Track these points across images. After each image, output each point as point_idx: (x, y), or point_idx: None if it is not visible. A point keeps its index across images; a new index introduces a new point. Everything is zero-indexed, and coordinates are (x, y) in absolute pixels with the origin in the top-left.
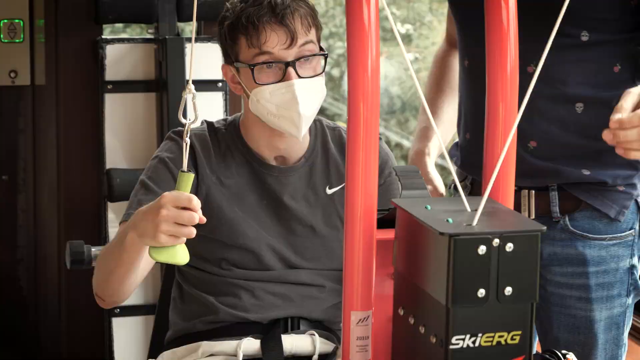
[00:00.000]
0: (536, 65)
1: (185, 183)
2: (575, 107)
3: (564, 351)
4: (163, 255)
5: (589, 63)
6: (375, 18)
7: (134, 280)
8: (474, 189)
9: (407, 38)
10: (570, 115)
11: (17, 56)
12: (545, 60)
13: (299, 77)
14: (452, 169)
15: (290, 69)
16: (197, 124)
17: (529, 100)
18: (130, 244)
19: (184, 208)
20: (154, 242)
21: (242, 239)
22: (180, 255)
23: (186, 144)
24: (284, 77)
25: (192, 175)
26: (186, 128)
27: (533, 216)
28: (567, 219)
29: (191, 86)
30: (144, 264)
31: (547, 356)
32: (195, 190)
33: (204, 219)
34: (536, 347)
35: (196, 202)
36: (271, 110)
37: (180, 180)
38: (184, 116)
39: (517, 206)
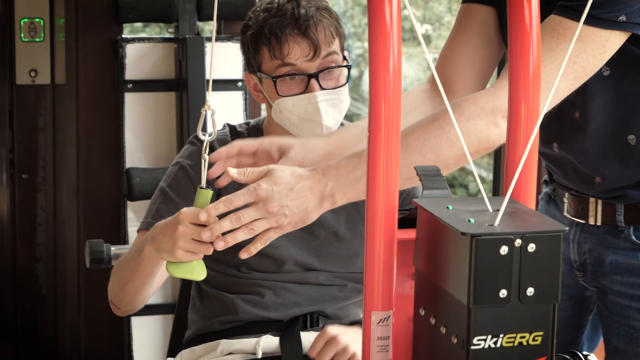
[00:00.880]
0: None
1: (203, 199)
2: (628, 140)
3: (585, 352)
4: (180, 271)
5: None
6: (397, 16)
7: (150, 291)
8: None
9: (426, 39)
10: (625, 148)
11: (37, 55)
12: None
13: (322, 88)
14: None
15: (313, 81)
16: (219, 127)
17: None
18: (147, 257)
19: (202, 225)
20: (171, 258)
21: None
22: (197, 271)
23: (205, 160)
24: (306, 89)
25: (210, 192)
26: (204, 144)
27: (599, 223)
28: (631, 229)
29: (210, 102)
30: (160, 275)
31: (569, 357)
32: (217, 197)
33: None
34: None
35: (214, 220)
36: (293, 121)
37: (199, 196)
38: (203, 131)
39: (585, 212)
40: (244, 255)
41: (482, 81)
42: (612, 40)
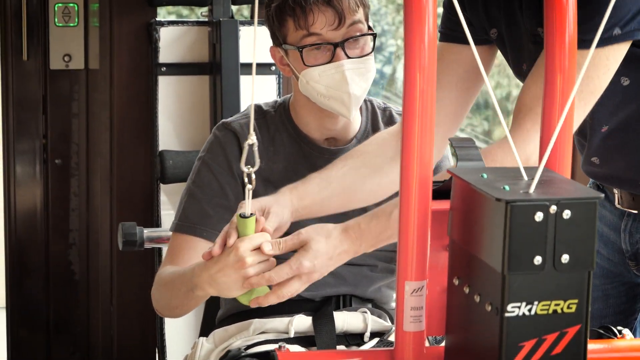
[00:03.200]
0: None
1: (249, 227)
2: None
3: (619, 327)
4: (254, 295)
5: None
6: None
7: None
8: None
9: None
10: None
11: (71, 40)
12: None
13: (348, 57)
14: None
15: (339, 50)
16: (243, 108)
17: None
18: (202, 297)
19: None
20: (242, 291)
21: (291, 227)
22: (264, 290)
23: (248, 191)
24: (332, 58)
25: (254, 219)
26: (245, 176)
27: None
28: None
29: (252, 134)
30: None
31: (602, 332)
32: (242, 185)
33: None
34: None
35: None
36: (321, 91)
37: (245, 226)
38: (246, 164)
39: (638, 203)
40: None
41: (455, 122)
42: (614, 56)
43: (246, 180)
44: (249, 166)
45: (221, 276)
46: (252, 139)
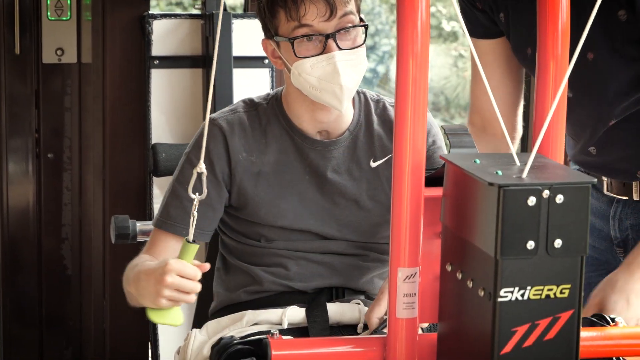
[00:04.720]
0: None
1: (190, 253)
2: None
3: (612, 315)
4: (161, 317)
5: None
6: None
7: None
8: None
9: (452, 35)
10: None
11: (64, 34)
12: None
13: (340, 49)
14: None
15: (331, 41)
16: (235, 101)
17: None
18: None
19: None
20: (152, 305)
21: (280, 221)
22: (177, 317)
23: (194, 217)
24: (324, 50)
25: (196, 247)
26: (194, 203)
27: None
28: None
29: (202, 164)
30: None
31: (596, 320)
32: (229, 180)
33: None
34: None
35: (199, 276)
36: (312, 83)
37: (187, 250)
38: (193, 191)
39: (629, 189)
40: None
41: (516, 109)
42: None
43: (194, 207)
44: (198, 193)
45: (144, 279)
46: (202, 168)
